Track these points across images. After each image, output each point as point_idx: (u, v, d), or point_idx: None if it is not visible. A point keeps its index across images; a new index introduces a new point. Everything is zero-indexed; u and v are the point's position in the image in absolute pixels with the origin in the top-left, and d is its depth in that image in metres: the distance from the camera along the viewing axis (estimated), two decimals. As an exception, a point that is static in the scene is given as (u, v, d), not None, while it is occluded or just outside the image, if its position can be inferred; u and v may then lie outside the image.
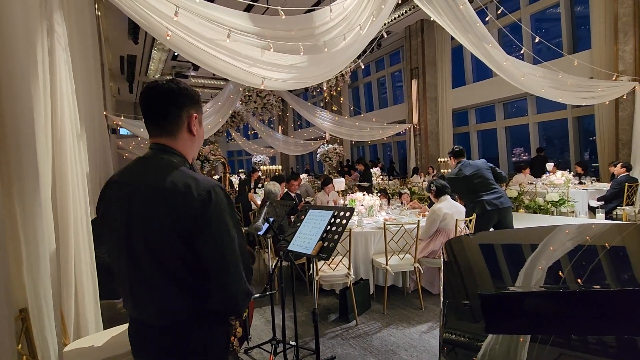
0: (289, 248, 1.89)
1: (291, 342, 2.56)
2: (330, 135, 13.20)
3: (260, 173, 9.26)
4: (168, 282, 1.01)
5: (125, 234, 1.03)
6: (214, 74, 14.89)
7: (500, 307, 0.99)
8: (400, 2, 9.01)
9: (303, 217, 2.01)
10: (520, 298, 1.01)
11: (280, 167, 6.82)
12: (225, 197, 1.03)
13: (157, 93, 1.06)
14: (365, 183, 8.40)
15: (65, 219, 2.18)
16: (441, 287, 1.20)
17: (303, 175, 10.42)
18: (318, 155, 12.76)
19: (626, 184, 5.60)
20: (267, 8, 9.01)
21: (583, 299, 0.98)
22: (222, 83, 15.38)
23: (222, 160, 1.72)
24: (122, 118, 8.11)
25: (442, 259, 1.45)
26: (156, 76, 14.07)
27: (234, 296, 1.02)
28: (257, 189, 7.41)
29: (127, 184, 1.07)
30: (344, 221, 1.78)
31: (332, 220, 1.82)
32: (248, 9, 9.13)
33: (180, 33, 2.79)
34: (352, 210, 1.82)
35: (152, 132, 1.10)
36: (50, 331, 1.52)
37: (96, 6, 6.50)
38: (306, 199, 6.56)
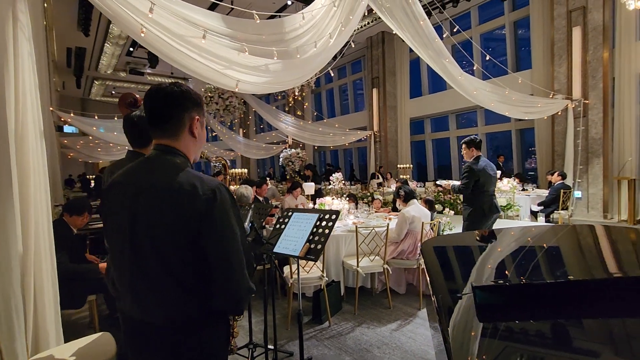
0: (274, 250, 1.92)
1: (269, 346, 2.56)
2: (292, 139, 13.24)
3: (223, 177, 9.02)
4: (173, 282, 1.02)
5: (129, 233, 1.04)
6: (172, 72, 14.34)
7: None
8: (365, 13, 9.39)
9: (287, 220, 2.04)
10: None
11: (246, 170, 6.71)
12: (229, 196, 1.08)
13: (161, 96, 1.09)
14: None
15: (26, 223, 2.01)
16: (430, 284, 1.31)
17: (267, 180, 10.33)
18: (280, 160, 12.73)
19: (562, 190, 6.28)
20: (232, 9, 8.89)
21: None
22: (181, 82, 14.81)
23: (223, 162, 1.70)
24: (72, 115, 7.52)
25: (424, 259, 1.58)
26: (108, 71, 13.22)
27: (238, 292, 1.05)
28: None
29: (132, 185, 1.08)
30: (330, 223, 1.85)
31: (318, 222, 1.88)
32: (212, 7, 8.97)
33: (155, 31, 2.70)
34: (337, 213, 1.90)
35: (155, 134, 1.13)
36: (20, 344, 1.40)
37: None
38: (272, 202, 6.54)
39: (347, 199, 4.91)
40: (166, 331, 1.04)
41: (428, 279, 1.39)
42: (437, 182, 3.54)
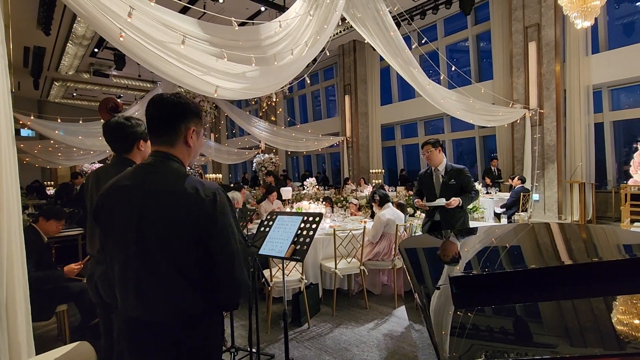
0: (260, 252, 1.97)
1: (253, 349, 2.59)
2: (265, 144, 13.21)
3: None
4: (181, 278, 1.09)
5: (136, 234, 1.10)
6: (139, 75, 13.89)
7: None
8: (339, 23, 9.61)
9: (271, 223, 2.10)
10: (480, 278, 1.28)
11: (220, 175, 6.62)
12: (226, 199, 1.17)
13: (168, 105, 1.18)
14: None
15: (-2, 230, 1.94)
16: (411, 279, 1.43)
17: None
18: (254, 165, 12.65)
19: (521, 193, 6.74)
20: (204, 13, 8.84)
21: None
22: (148, 85, 14.38)
23: (200, 171, 1.73)
24: (32, 118, 7.11)
25: (406, 257, 1.70)
26: (70, 72, 12.60)
27: (239, 286, 1.13)
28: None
29: (136, 189, 1.14)
30: (314, 225, 1.93)
31: (302, 225, 1.96)
32: (184, 11, 8.83)
33: (134, 35, 2.68)
34: (321, 215, 1.99)
35: (154, 140, 1.21)
36: (4, 356, 1.35)
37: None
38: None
39: (324, 202, 5.00)
40: (170, 328, 1.10)
41: (409, 278, 1.51)
42: (417, 205, 3.15)
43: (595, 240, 2.03)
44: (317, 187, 10.48)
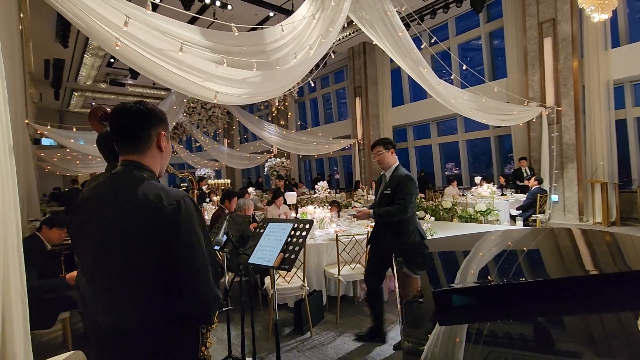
0: (249, 261, 1.92)
1: (247, 359, 2.54)
2: (277, 149, 13.25)
3: (204, 188, 8.93)
4: (144, 288, 1.07)
5: (100, 245, 1.09)
6: (154, 83, 14.22)
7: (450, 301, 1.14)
8: (345, 25, 9.54)
9: (262, 230, 2.05)
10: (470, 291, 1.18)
11: (229, 181, 6.66)
12: (194, 207, 1.13)
13: (128, 114, 1.16)
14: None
15: (-6, 240, 1.96)
16: (397, 290, 1.34)
17: (250, 189, 10.28)
18: (265, 169, 12.70)
19: (538, 195, 6.47)
20: (212, 22, 8.97)
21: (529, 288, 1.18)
22: (162, 93, 14.68)
23: (190, 177, 1.72)
24: (49, 127, 7.35)
25: (396, 266, 1.61)
26: (88, 83, 13.02)
27: (205, 301, 1.10)
28: (204, 203, 7.15)
29: (101, 200, 1.14)
30: (304, 233, 1.87)
31: (293, 232, 1.90)
32: (193, 21, 8.97)
33: (130, 44, 2.70)
34: (311, 222, 1.92)
35: (122, 150, 1.19)
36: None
37: (19, 5, 5.92)
38: (254, 213, 6.51)
39: (330, 206, 4.93)
40: (137, 337, 1.08)
41: (396, 286, 1.42)
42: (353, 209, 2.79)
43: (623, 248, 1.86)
44: (328, 190, 10.44)
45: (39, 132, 7.57)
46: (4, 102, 2.23)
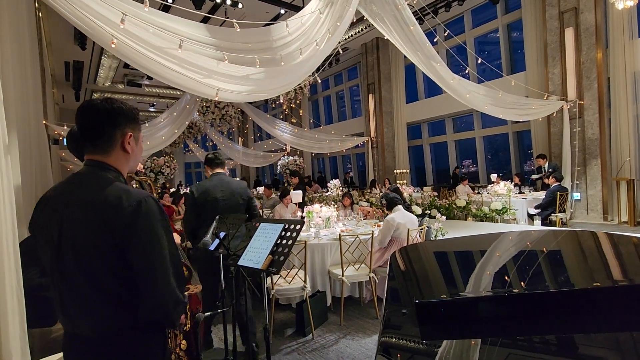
0: (239, 263, 1.85)
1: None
2: (290, 147, 13.22)
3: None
4: (100, 294, 1.03)
5: (56, 249, 1.05)
6: (169, 84, 14.49)
7: (440, 313, 1.03)
8: (355, 20, 9.38)
9: (254, 231, 1.98)
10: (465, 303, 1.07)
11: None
12: (156, 207, 1.08)
13: (92, 112, 1.11)
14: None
15: (-11, 239, 1.96)
16: (385, 295, 1.24)
17: (259, 189, 10.29)
18: (279, 167, 12.70)
19: (558, 193, 6.16)
20: (224, 21, 9.03)
21: (526, 301, 1.05)
22: (178, 93, 14.88)
23: (149, 181, 1.68)
24: (65, 127, 7.54)
25: (388, 268, 1.50)
26: (106, 84, 13.36)
27: (163, 304, 1.04)
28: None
29: (59, 200, 1.09)
30: (294, 234, 1.78)
31: (283, 233, 1.82)
32: (205, 20, 9.02)
33: (127, 41, 2.68)
34: (302, 222, 1.83)
35: (87, 149, 1.14)
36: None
37: (37, 9, 6.07)
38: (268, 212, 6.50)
39: (343, 197, 4.86)
40: (96, 343, 1.05)
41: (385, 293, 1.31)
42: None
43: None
44: (341, 188, 10.33)
45: (56, 132, 7.78)
46: (0, 101, 2.25)
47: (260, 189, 10.81)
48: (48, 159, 7.19)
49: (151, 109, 17.44)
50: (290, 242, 1.73)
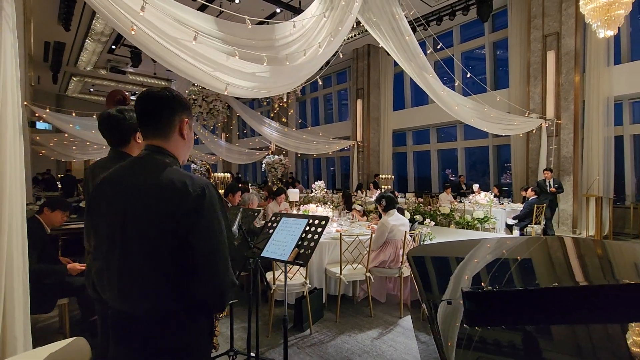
0: (262, 254, 1.90)
1: (252, 354, 2.52)
2: (275, 146, 13.20)
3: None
4: (159, 275, 1.07)
5: (120, 229, 1.08)
6: (155, 73, 14.08)
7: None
8: (354, 26, 9.55)
9: (275, 225, 2.04)
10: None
11: (229, 174, 6.58)
12: (217, 194, 1.14)
13: (153, 99, 1.17)
14: None
15: (0, 220, 1.92)
16: (419, 289, 1.34)
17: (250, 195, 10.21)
18: (263, 166, 12.65)
19: (535, 205, 6.54)
20: (221, 12, 8.93)
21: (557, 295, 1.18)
22: (163, 83, 14.55)
23: (207, 166, 1.70)
24: (48, 110, 7.23)
25: (411, 267, 1.61)
26: (88, 68, 12.85)
27: (221, 286, 1.09)
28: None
29: (124, 182, 1.13)
30: (320, 229, 1.86)
31: (307, 228, 1.89)
32: (202, 9, 8.89)
33: (146, 29, 2.67)
34: (327, 219, 1.91)
35: (146, 135, 1.19)
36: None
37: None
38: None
39: (342, 198, 4.96)
40: (149, 323, 1.08)
41: (417, 287, 1.42)
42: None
43: (612, 259, 1.91)
44: (325, 190, 10.43)
45: (37, 114, 7.43)
46: (16, 82, 2.19)
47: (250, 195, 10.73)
48: (22, 141, 6.86)
49: (132, 98, 16.91)
50: (316, 236, 1.80)
